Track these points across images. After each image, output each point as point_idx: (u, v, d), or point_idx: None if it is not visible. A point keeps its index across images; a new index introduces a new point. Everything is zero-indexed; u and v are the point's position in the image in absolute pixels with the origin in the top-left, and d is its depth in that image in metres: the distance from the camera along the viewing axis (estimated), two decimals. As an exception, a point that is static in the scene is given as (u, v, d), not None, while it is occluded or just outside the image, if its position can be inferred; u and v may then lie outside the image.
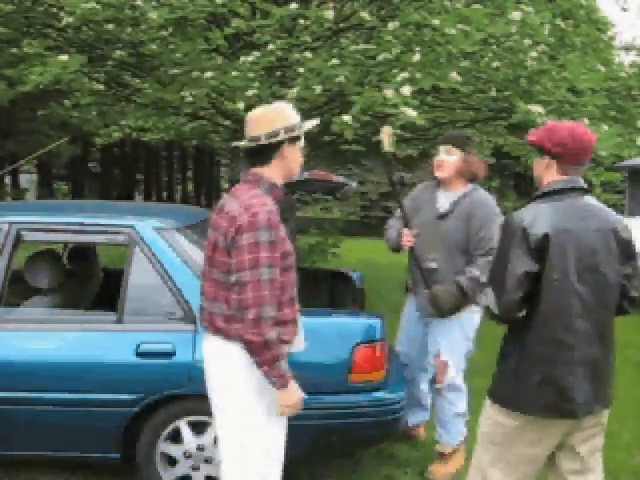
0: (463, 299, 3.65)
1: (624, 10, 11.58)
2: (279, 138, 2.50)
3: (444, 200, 3.81)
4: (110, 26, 6.48)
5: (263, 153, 2.54)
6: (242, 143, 2.58)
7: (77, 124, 10.22)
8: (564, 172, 2.48)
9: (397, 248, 3.90)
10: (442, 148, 3.80)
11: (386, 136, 3.72)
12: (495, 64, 6.58)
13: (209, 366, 2.59)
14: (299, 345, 2.77)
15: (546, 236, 2.32)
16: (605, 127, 6.92)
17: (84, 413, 3.28)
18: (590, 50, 7.68)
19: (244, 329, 2.37)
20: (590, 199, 2.50)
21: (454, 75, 6.03)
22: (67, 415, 3.29)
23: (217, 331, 2.51)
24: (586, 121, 6.78)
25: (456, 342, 3.78)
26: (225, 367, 2.52)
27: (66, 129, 14.99)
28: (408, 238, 3.77)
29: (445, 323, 3.76)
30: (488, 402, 2.57)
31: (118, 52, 7.00)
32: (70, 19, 6.43)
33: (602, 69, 7.20)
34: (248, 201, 2.44)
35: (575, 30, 7.41)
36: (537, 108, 6.20)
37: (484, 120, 8.59)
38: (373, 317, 3.49)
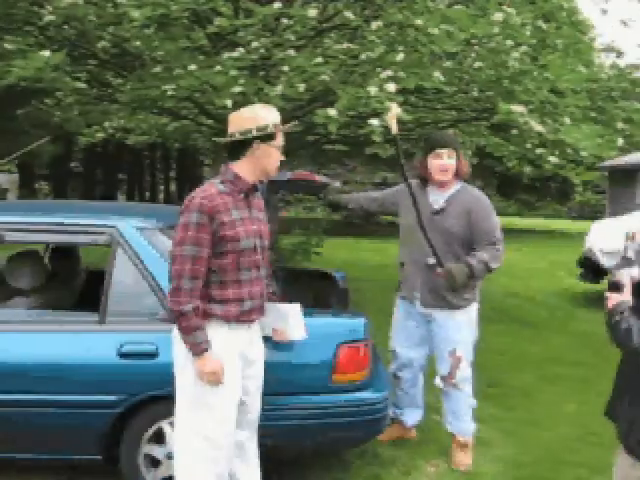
0: (470, 279, 3.79)
1: (604, 13, 11.68)
2: (249, 136, 2.76)
3: (435, 197, 3.95)
4: (92, 17, 6.43)
5: (236, 149, 2.83)
6: (219, 139, 2.90)
7: (59, 123, 10.14)
8: None
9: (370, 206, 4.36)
10: (445, 152, 3.89)
11: (393, 117, 3.84)
12: (478, 64, 6.61)
13: (172, 337, 2.85)
14: (297, 333, 3.03)
15: None
16: (586, 128, 6.97)
17: (66, 415, 3.25)
18: (571, 51, 7.74)
19: (168, 298, 2.71)
20: None
21: (437, 75, 6.05)
22: (49, 417, 3.26)
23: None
24: (567, 121, 6.83)
25: (467, 335, 3.95)
26: (175, 337, 2.82)
27: (47, 128, 14.85)
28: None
29: (454, 319, 3.91)
30: (626, 457, 2.20)
31: (101, 45, 6.95)
32: (52, 17, 6.38)
33: (583, 70, 7.26)
34: (198, 188, 2.78)
35: (556, 32, 7.46)
36: (519, 108, 6.23)
37: (467, 120, 8.63)
38: (356, 317, 3.49)
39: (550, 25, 7.38)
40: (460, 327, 3.92)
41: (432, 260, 3.81)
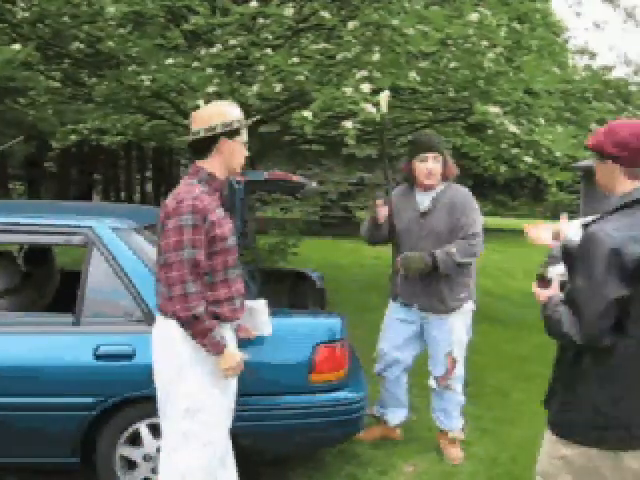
0: (432, 269, 3.84)
1: (578, 15, 11.86)
2: (215, 132, 2.73)
3: (422, 198, 4.00)
4: (66, 18, 6.37)
5: (202, 147, 2.79)
6: (185, 137, 2.77)
7: (32, 123, 10.02)
8: (635, 176, 2.21)
9: (373, 235, 4.07)
10: (430, 156, 3.91)
11: (385, 97, 3.96)
12: (453, 64, 6.66)
13: (154, 344, 2.79)
14: (265, 329, 3.04)
15: None
16: (560, 128, 7.05)
17: (42, 417, 3.22)
18: (546, 53, 7.83)
19: (173, 306, 2.60)
20: None
21: (413, 75, 6.08)
22: (24, 419, 3.22)
23: (160, 309, 2.75)
24: (542, 122, 6.90)
25: (462, 336, 4.02)
26: (165, 341, 2.74)
27: (21, 128, 14.69)
28: (380, 207, 3.94)
29: (450, 320, 3.96)
30: (553, 437, 2.31)
31: (75, 45, 6.89)
32: (26, 14, 6.32)
33: (557, 72, 7.34)
34: (178, 190, 2.71)
35: (531, 33, 7.54)
36: (494, 109, 6.29)
37: (443, 121, 8.68)
38: (333, 317, 3.50)
39: (525, 27, 7.45)
40: (455, 328, 3.97)
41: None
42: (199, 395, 2.71)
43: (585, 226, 2.21)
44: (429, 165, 3.91)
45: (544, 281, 2.36)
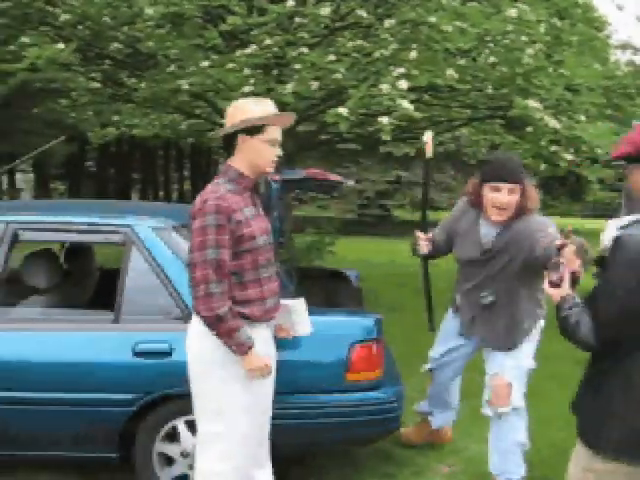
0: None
1: (620, 9, 11.60)
2: (234, 129, 2.69)
3: (487, 232, 3.41)
4: (106, 19, 6.47)
5: (228, 145, 2.76)
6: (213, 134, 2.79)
7: (73, 123, 10.20)
8: None
9: (415, 254, 3.78)
10: (505, 187, 3.23)
11: (429, 141, 3.56)
12: (492, 59, 6.59)
13: (186, 343, 2.79)
14: (304, 328, 2.98)
15: None
16: (601, 125, 6.94)
17: (81, 413, 3.27)
18: (586, 48, 7.70)
19: (198, 307, 2.60)
20: None
21: (450, 72, 6.03)
22: (64, 415, 3.28)
23: (192, 308, 2.73)
24: (583, 118, 6.79)
25: (520, 363, 3.46)
26: (194, 340, 2.74)
27: (62, 128, 14.96)
28: (424, 242, 3.61)
29: (512, 350, 3.48)
30: (582, 447, 2.22)
31: (115, 46, 6.99)
32: (67, 16, 6.42)
33: (598, 67, 7.22)
34: (205, 190, 2.69)
35: (571, 28, 7.42)
36: (535, 104, 6.20)
37: (481, 118, 8.60)
38: (370, 316, 3.49)
39: (565, 22, 7.34)
40: (517, 354, 3.46)
41: (489, 298, 3.42)
42: (226, 396, 2.70)
43: (621, 228, 2.15)
44: (502, 198, 3.24)
45: (553, 282, 2.29)
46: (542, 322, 3.59)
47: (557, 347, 6.62)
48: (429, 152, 3.56)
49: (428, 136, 3.56)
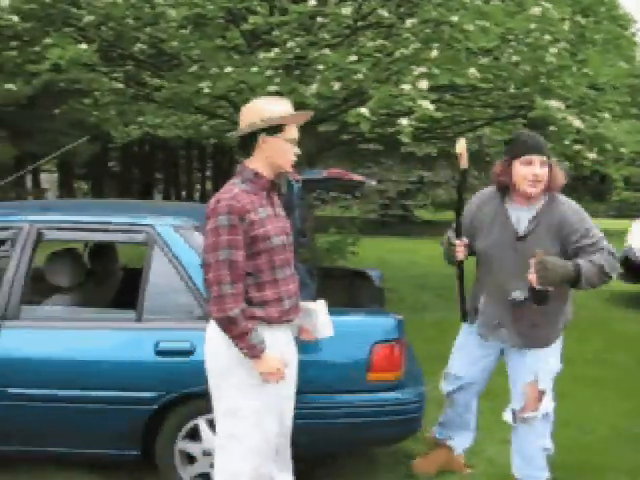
0: (572, 282, 3.13)
1: (646, 6, 11.45)
2: (254, 129, 2.66)
3: (518, 216, 3.28)
4: (130, 21, 6.51)
5: (245, 145, 2.73)
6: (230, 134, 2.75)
7: (96, 123, 10.30)
8: None
9: (450, 261, 3.46)
10: (537, 159, 3.17)
11: (463, 150, 3.31)
12: (515, 58, 6.54)
13: (205, 343, 2.79)
14: (326, 330, 2.95)
15: None
16: (626, 124, 6.86)
17: (103, 411, 3.30)
18: (611, 47, 7.61)
19: (211, 308, 2.60)
20: None
21: (472, 71, 5.99)
22: (87, 412, 3.31)
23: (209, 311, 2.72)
24: (607, 117, 6.72)
25: (552, 366, 3.38)
26: (211, 340, 2.75)
27: (85, 128, 15.09)
28: (460, 249, 3.34)
29: (540, 353, 3.35)
30: None
31: (138, 46, 7.04)
32: (91, 17, 6.48)
33: (624, 65, 7.13)
34: (220, 191, 2.68)
35: (596, 26, 7.34)
36: (556, 104, 6.15)
37: (503, 118, 8.54)
38: (391, 316, 3.47)
39: (589, 20, 7.26)
40: (546, 359, 3.35)
41: (517, 294, 3.24)
42: (242, 398, 2.69)
43: None
44: (536, 170, 3.16)
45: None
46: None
47: (581, 349, 6.59)
48: (464, 163, 3.32)
49: (461, 146, 3.30)
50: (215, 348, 2.72)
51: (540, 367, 3.33)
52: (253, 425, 2.70)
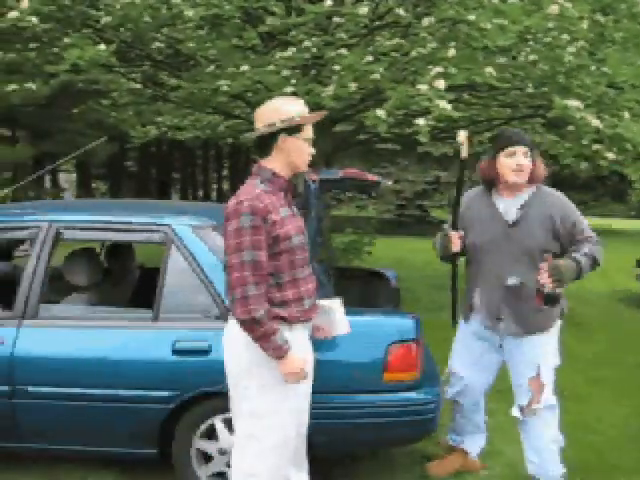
0: (578, 275, 3.24)
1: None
2: (274, 129, 2.66)
3: (506, 206, 3.42)
4: (147, 19, 6.54)
5: (264, 145, 2.73)
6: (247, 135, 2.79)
7: (114, 123, 10.36)
8: None
9: (445, 253, 3.53)
10: (520, 149, 3.34)
11: (464, 140, 3.42)
12: (532, 57, 6.50)
13: (223, 344, 2.80)
14: (342, 328, 2.96)
15: None
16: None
17: (120, 409, 3.32)
18: (631, 45, 7.53)
19: (235, 309, 2.58)
20: None
21: (490, 70, 5.96)
22: (104, 411, 3.33)
23: (228, 311, 2.75)
24: (627, 116, 6.66)
25: (550, 359, 3.46)
26: (231, 341, 2.74)
27: (103, 129, 15.19)
28: (456, 240, 3.44)
29: (538, 340, 3.42)
30: None
31: (156, 45, 7.08)
32: (109, 18, 6.52)
33: (644, 64, 7.06)
34: (239, 191, 2.67)
35: (615, 25, 7.27)
36: (575, 103, 6.10)
37: (521, 118, 8.49)
38: (408, 316, 3.46)
39: (608, 18, 7.19)
40: (544, 349, 3.43)
41: (513, 280, 3.33)
42: (262, 398, 2.69)
43: None
44: (519, 160, 3.33)
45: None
46: (559, 322, 3.51)
47: (591, 349, 6.54)
48: (464, 152, 3.42)
49: (463, 136, 3.42)
50: (236, 349, 2.72)
51: (540, 361, 3.42)
52: (273, 425, 2.71)
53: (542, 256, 3.25)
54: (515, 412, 3.53)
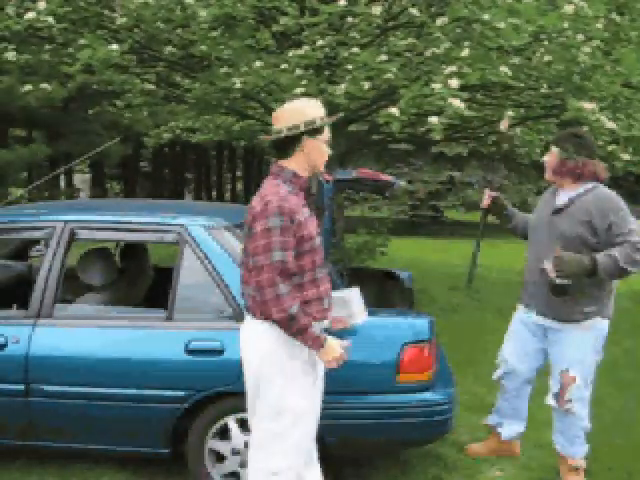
0: (589, 273, 3.32)
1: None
2: (298, 131, 2.67)
3: (561, 197, 3.59)
4: (161, 24, 6.57)
5: (285, 146, 2.73)
6: (267, 137, 2.78)
7: (128, 124, 10.40)
8: None
9: (510, 228, 3.99)
10: (551, 148, 3.64)
11: (505, 125, 4.03)
12: (547, 58, 6.46)
13: (243, 344, 2.79)
14: (360, 316, 3.01)
15: None
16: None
17: (134, 409, 3.33)
18: (647, 44, 7.46)
19: (268, 309, 2.58)
20: None
21: (504, 69, 5.93)
22: (118, 410, 3.35)
23: (248, 310, 2.75)
24: (643, 117, 6.60)
25: (587, 354, 3.51)
26: (253, 342, 2.73)
27: (117, 129, 15.28)
28: (487, 196, 3.92)
29: (571, 334, 3.50)
30: None
31: (169, 49, 7.10)
32: (123, 19, 6.55)
33: (660, 64, 6.99)
34: (264, 192, 2.67)
35: (631, 24, 7.21)
36: (589, 105, 6.05)
37: (535, 118, 8.44)
38: (422, 317, 3.46)
39: (624, 17, 7.13)
40: (578, 345, 3.49)
41: (547, 264, 3.40)
42: (286, 397, 2.70)
43: None
44: (545, 157, 3.66)
45: None
46: (600, 319, 3.52)
47: (616, 353, 6.48)
48: (504, 125, 4.04)
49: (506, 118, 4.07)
50: (259, 350, 2.71)
51: (574, 356, 3.49)
52: (297, 424, 2.72)
53: (578, 247, 3.38)
54: (549, 400, 3.60)
